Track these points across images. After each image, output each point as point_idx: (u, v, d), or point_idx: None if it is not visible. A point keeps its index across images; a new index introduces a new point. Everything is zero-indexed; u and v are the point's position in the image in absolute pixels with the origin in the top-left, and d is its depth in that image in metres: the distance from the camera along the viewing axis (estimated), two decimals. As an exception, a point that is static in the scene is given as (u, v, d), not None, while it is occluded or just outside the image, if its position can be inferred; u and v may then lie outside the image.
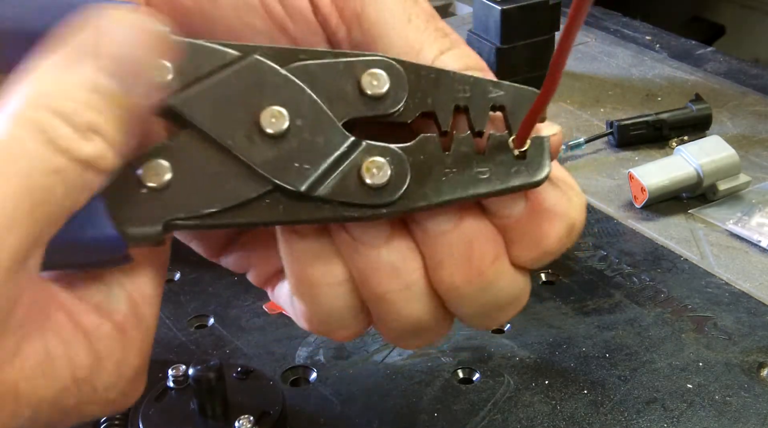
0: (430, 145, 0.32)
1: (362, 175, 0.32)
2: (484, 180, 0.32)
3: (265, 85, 0.32)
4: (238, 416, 0.44)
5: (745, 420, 0.47)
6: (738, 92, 0.82)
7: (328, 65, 0.32)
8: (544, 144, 0.33)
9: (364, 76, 0.32)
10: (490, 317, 0.36)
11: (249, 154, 0.31)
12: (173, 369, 0.46)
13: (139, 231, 0.30)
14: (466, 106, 0.33)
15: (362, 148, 0.32)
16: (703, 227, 0.63)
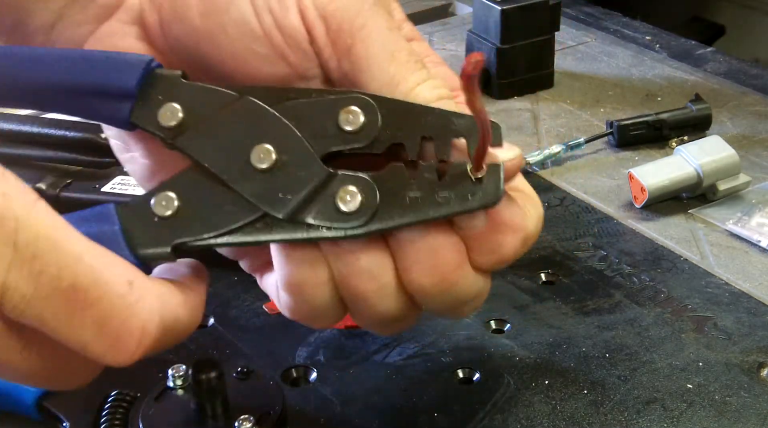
0: (398, 173, 0.37)
1: (336, 203, 0.37)
2: (444, 203, 0.37)
3: (257, 124, 0.37)
4: (238, 416, 0.44)
5: (745, 420, 0.47)
6: (738, 92, 0.82)
7: (313, 103, 0.38)
8: (499, 170, 0.37)
9: (342, 113, 0.37)
10: (454, 311, 0.41)
11: (242, 186, 0.37)
12: (173, 369, 0.46)
13: (152, 252, 0.36)
14: (431, 136, 0.37)
15: (337, 179, 0.37)
16: (703, 227, 0.63)
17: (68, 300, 0.31)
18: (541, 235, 0.62)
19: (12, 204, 0.30)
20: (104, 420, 0.45)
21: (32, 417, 0.47)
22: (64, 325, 0.31)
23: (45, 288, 0.30)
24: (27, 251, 0.30)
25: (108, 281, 0.32)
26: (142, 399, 0.45)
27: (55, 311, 0.31)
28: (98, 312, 0.32)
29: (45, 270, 0.30)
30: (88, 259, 0.31)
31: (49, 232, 0.31)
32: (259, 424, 0.44)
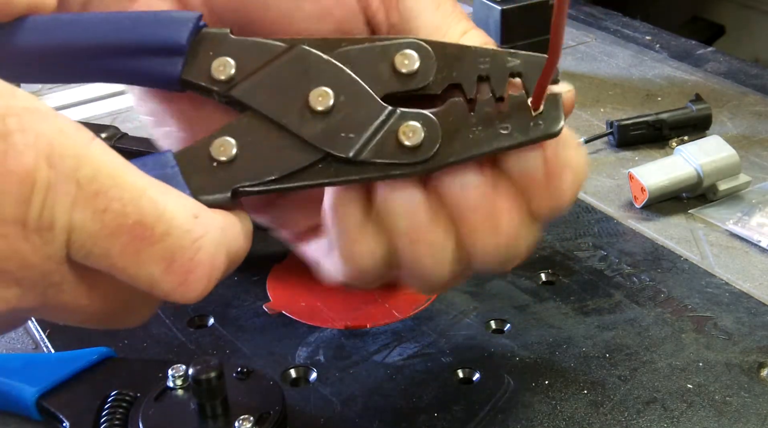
0: (458, 108, 0.37)
1: (399, 138, 0.37)
2: (506, 135, 0.37)
3: (311, 69, 0.37)
4: (239, 416, 0.44)
5: (745, 420, 0.47)
6: (738, 92, 0.82)
7: (366, 49, 0.38)
8: (558, 100, 0.38)
9: (397, 56, 0.37)
10: (505, 265, 0.41)
11: (301, 129, 0.37)
12: (173, 369, 0.46)
13: (212, 197, 0.36)
14: (488, 76, 0.37)
15: (398, 115, 0.37)
16: (703, 227, 0.63)
17: (135, 237, 0.31)
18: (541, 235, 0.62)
19: (70, 141, 0.30)
20: (104, 420, 0.44)
21: (32, 417, 0.47)
22: (131, 263, 0.31)
23: (110, 225, 0.30)
24: (90, 188, 0.30)
25: (173, 216, 0.32)
26: (141, 399, 0.45)
27: (122, 248, 0.30)
28: (166, 248, 0.31)
29: (109, 206, 0.30)
30: (151, 193, 0.31)
31: (109, 168, 0.30)
32: (259, 424, 0.44)
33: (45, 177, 0.29)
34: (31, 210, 0.29)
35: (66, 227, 0.29)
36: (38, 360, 0.50)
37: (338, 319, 0.55)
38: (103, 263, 0.31)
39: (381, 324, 0.54)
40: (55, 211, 0.29)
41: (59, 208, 0.29)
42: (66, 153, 0.29)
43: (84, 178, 0.30)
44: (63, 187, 0.29)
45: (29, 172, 0.29)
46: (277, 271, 0.59)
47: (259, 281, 0.59)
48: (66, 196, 0.29)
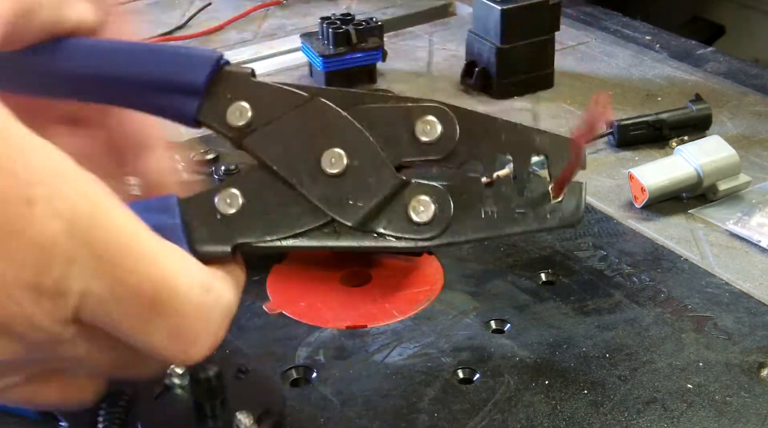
0: (474, 185, 0.36)
1: (409, 212, 0.36)
2: (520, 220, 0.36)
3: (328, 127, 0.36)
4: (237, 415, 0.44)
5: (745, 420, 0.46)
6: (738, 92, 0.82)
7: (388, 110, 0.36)
8: (581, 190, 0.37)
9: (419, 122, 0.36)
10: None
11: (310, 190, 0.36)
12: (172, 368, 0.46)
13: (212, 249, 0.35)
14: (510, 153, 0.37)
15: (410, 187, 0.36)
16: (703, 227, 0.63)
17: (145, 309, 0.31)
18: (541, 235, 0.62)
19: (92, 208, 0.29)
20: (102, 419, 0.44)
21: (30, 416, 0.47)
22: (138, 331, 0.31)
23: (123, 295, 0.30)
24: (108, 260, 0.30)
25: (186, 291, 0.31)
26: (139, 399, 0.45)
27: (131, 318, 0.31)
28: (175, 321, 0.31)
29: (124, 278, 0.30)
30: (167, 266, 0.31)
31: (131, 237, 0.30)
32: (258, 422, 0.44)
33: (64, 249, 0.29)
34: (47, 278, 0.29)
35: (78, 294, 0.30)
36: None
37: (338, 319, 0.55)
38: (110, 327, 0.31)
39: (381, 324, 0.54)
40: (71, 280, 0.29)
41: (75, 278, 0.29)
42: (89, 224, 0.29)
43: (103, 249, 0.30)
44: (81, 259, 0.29)
45: (50, 244, 0.29)
46: (277, 271, 0.59)
47: (259, 281, 0.59)
48: (82, 265, 0.29)
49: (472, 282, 0.58)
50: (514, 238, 0.62)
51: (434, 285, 0.57)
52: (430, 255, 0.60)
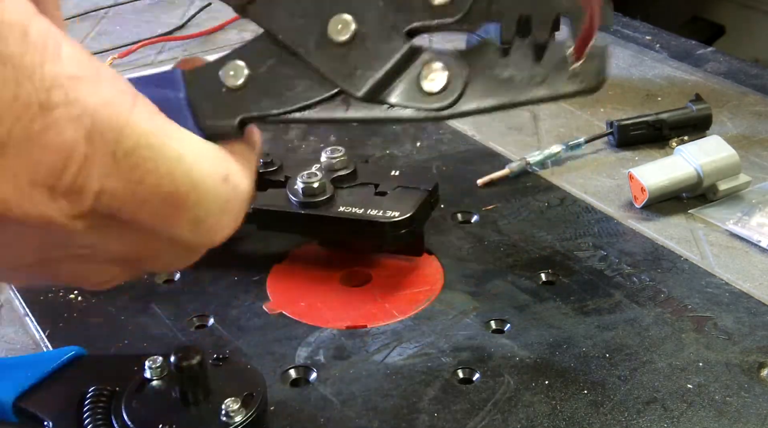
0: (490, 49, 0.34)
1: (419, 81, 0.34)
2: (536, 85, 0.35)
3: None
4: (222, 400, 0.44)
5: (745, 420, 0.46)
6: (738, 92, 0.82)
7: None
8: (605, 54, 0.35)
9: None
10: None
11: (317, 59, 0.34)
12: (150, 360, 0.46)
13: (219, 124, 0.34)
14: (530, 15, 0.34)
15: (422, 54, 0.34)
16: (703, 227, 0.63)
17: (167, 204, 0.31)
18: (541, 235, 0.62)
19: (113, 113, 0.29)
20: (87, 415, 0.45)
21: (8, 419, 0.47)
22: (159, 224, 0.31)
23: (143, 194, 0.30)
24: (126, 162, 0.30)
25: (206, 182, 0.32)
26: (121, 393, 0.45)
27: (152, 213, 0.31)
28: (196, 213, 0.32)
29: (144, 178, 0.30)
30: (187, 162, 0.31)
31: (149, 139, 0.30)
32: (244, 405, 0.44)
33: (82, 152, 0.29)
34: (63, 179, 0.29)
35: (96, 192, 0.30)
36: (8, 363, 0.50)
37: (338, 319, 0.55)
38: (130, 220, 0.31)
39: (381, 324, 0.54)
40: (87, 180, 0.29)
41: (92, 178, 0.29)
42: (107, 127, 0.29)
43: (122, 152, 0.29)
44: (99, 161, 0.29)
45: (67, 147, 0.28)
46: (277, 271, 0.59)
47: (259, 281, 0.59)
48: (101, 168, 0.29)
49: (472, 282, 0.58)
50: (514, 238, 0.62)
51: (434, 285, 0.57)
52: (430, 255, 0.60)
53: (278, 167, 0.61)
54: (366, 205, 0.56)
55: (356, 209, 0.56)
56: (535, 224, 0.63)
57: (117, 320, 0.56)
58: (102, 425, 0.44)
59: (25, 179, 0.28)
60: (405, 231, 0.55)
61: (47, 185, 0.29)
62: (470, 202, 0.66)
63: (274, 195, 0.58)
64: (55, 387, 0.47)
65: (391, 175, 0.59)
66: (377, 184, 0.58)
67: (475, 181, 0.68)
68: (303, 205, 0.56)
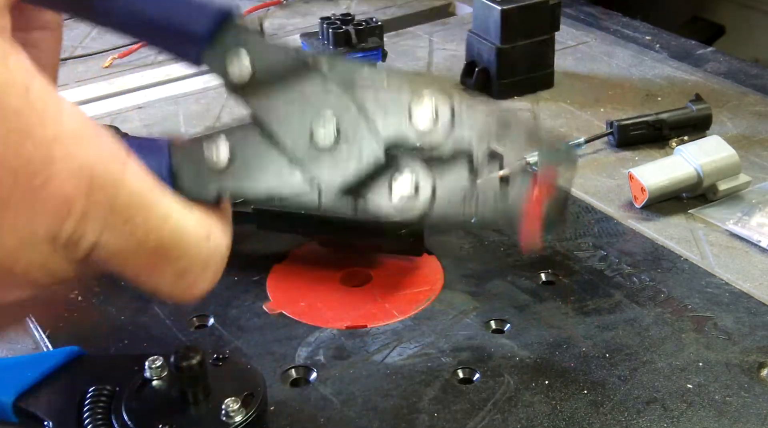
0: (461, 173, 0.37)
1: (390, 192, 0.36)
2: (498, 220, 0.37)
3: (328, 96, 0.37)
4: (222, 400, 0.44)
5: (745, 420, 0.46)
6: (738, 92, 0.82)
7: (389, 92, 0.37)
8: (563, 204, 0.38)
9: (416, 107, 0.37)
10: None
11: (298, 155, 0.36)
12: (150, 360, 0.46)
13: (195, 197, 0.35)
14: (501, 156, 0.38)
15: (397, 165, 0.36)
16: (703, 227, 0.63)
17: (152, 256, 0.33)
18: (541, 235, 0.62)
19: (110, 169, 0.31)
20: (87, 415, 0.45)
21: (9, 420, 0.47)
22: (145, 275, 0.33)
23: (132, 246, 0.32)
24: (120, 215, 0.31)
25: (190, 240, 0.34)
26: (121, 393, 0.45)
27: (139, 264, 0.33)
28: (179, 267, 0.33)
29: (135, 232, 0.32)
30: (174, 219, 0.33)
31: (141, 196, 0.32)
32: (244, 405, 0.44)
33: (81, 206, 0.30)
34: (63, 231, 0.30)
35: (91, 244, 0.31)
36: (8, 363, 0.50)
37: (338, 319, 0.55)
38: (117, 270, 0.33)
39: (381, 324, 0.54)
40: (86, 233, 0.31)
41: (89, 231, 0.31)
42: (104, 183, 0.31)
43: (117, 207, 0.31)
44: (96, 214, 0.31)
45: (67, 201, 0.30)
46: (277, 271, 0.59)
47: (259, 281, 0.59)
48: (98, 222, 0.31)
49: (472, 282, 0.58)
50: (514, 238, 0.62)
51: (434, 285, 0.57)
52: (430, 255, 0.60)
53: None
54: (366, 205, 0.56)
55: (356, 209, 0.56)
56: (535, 224, 0.63)
57: (117, 320, 0.56)
58: (102, 425, 0.44)
59: (26, 232, 0.30)
60: (405, 231, 0.55)
61: (49, 238, 0.30)
62: (470, 202, 0.66)
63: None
64: (55, 387, 0.47)
65: (391, 175, 0.59)
66: (377, 184, 0.58)
67: (475, 181, 0.68)
68: (303, 205, 0.56)
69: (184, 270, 0.34)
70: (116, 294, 0.57)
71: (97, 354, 0.51)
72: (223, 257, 0.36)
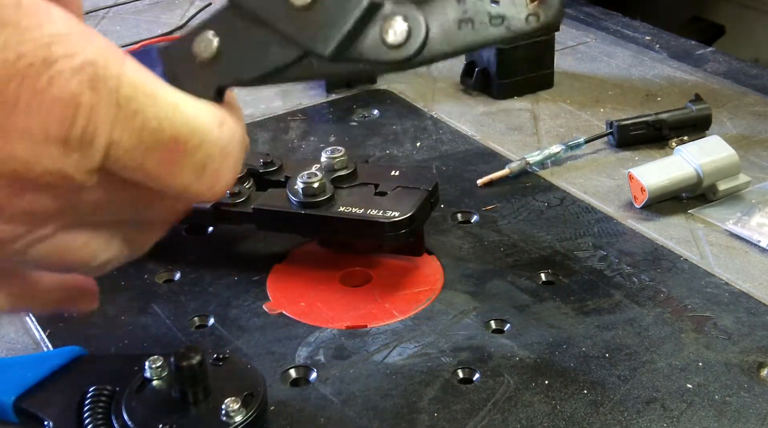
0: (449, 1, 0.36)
1: (383, 35, 0.35)
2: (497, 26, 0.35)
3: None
4: (222, 400, 0.44)
5: (744, 420, 0.47)
6: (738, 92, 0.82)
7: None
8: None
9: None
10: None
11: (282, 23, 0.35)
12: (150, 360, 0.46)
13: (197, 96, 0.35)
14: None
15: (383, 10, 0.35)
16: (703, 227, 0.63)
17: (170, 151, 0.32)
18: (541, 235, 0.62)
19: (110, 62, 0.31)
20: (87, 415, 0.45)
21: (9, 420, 0.47)
22: (166, 174, 0.33)
23: (148, 140, 0.32)
24: (129, 108, 0.31)
25: (204, 127, 0.33)
26: (121, 393, 0.45)
27: (157, 162, 0.32)
28: (199, 159, 0.33)
29: (147, 124, 0.32)
30: (183, 107, 0.33)
31: (145, 86, 0.32)
32: (244, 405, 0.44)
33: (88, 100, 0.30)
34: (74, 130, 0.30)
35: (105, 144, 0.31)
36: (8, 363, 0.50)
37: (338, 319, 0.55)
38: (138, 174, 0.33)
39: (381, 324, 0.54)
40: (96, 130, 0.31)
41: (100, 128, 0.31)
42: (107, 74, 0.31)
43: (123, 99, 0.31)
44: (104, 109, 0.31)
45: (74, 97, 0.30)
46: (277, 271, 0.59)
47: (259, 281, 0.59)
48: (107, 116, 0.31)
49: (472, 282, 0.58)
50: (514, 238, 0.62)
51: (434, 285, 0.57)
52: (430, 255, 0.60)
53: (278, 167, 0.61)
54: (366, 205, 0.56)
55: (356, 209, 0.56)
56: (534, 224, 0.63)
57: (117, 320, 0.56)
58: (102, 425, 0.44)
59: (38, 135, 0.30)
60: (405, 231, 0.55)
61: (60, 139, 0.30)
62: (470, 202, 0.66)
63: (274, 195, 0.58)
64: (56, 387, 0.47)
65: (391, 175, 0.59)
66: (377, 184, 0.58)
67: (475, 181, 0.69)
68: (303, 205, 0.56)
69: (204, 161, 0.33)
70: (116, 294, 0.57)
71: (97, 354, 0.51)
72: (240, 144, 0.35)
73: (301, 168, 0.58)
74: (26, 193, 0.31)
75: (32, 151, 0.30)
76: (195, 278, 0.59)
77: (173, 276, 0.60)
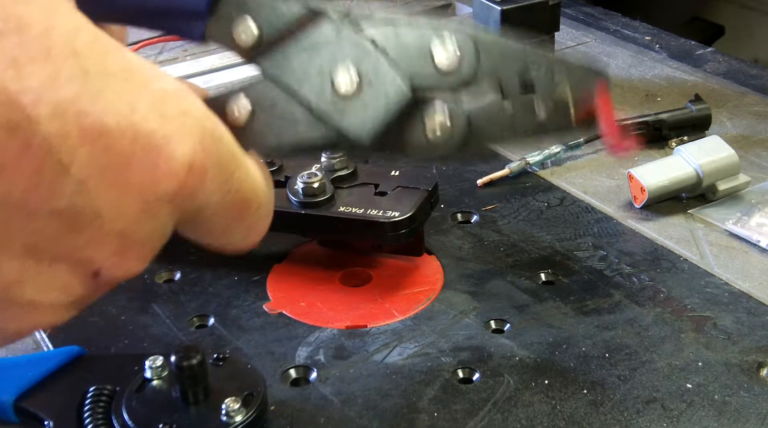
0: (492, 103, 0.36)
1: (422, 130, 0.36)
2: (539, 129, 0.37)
3: (343, 45, 0.36)
4: (222, 400, 0.44)
5: (744, 420, 0.47)
6: (738, 92, 0.82)
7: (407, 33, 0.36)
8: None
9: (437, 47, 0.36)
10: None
11: (321, 106, 0.36)
12: (150, 360, 0.46)
13: None
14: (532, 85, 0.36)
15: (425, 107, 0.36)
16: (703, 227, 0.63)
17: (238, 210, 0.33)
18: (541, 235, 0.62)
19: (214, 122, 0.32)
20: (87, 415, 0.45)
21: (9, 419, 0.47)
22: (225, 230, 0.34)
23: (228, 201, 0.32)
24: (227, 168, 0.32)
25: (264, 189, 0.34)
26: (121, 393, 0.45)
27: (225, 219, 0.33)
28: (254, 217, 0.34)
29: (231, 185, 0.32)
30: (253, 171, 0.33)
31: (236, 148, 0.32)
32: (245, 405, 0.44)
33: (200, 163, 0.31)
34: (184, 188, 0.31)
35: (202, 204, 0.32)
36: (8, 363, 0.50)
37: (338, 319, 0.55)
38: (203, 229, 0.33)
39: (381, 324, 0.54)
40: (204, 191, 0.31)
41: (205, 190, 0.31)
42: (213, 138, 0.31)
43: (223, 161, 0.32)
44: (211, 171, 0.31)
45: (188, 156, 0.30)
46: (277, 271, 0.59)
47: (259, 281, 0.59)
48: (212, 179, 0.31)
49: (472, 282, 0.58)
50: (514, 238, 0.62)
51: (434, 285, 0.58)
52: (430, 255, 0.60)
53: (278, 167, 0.61)
54: (366, 205, 0.56)
55: (356, 209, 0.56)
56: (534, 224, 0.63)
57: (117, 320, 0.56)
58: (102, 425, 0.44)
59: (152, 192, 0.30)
60: (405, 231, 0.55)
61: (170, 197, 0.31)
62: (470, 202, 0.66)
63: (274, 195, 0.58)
64: (56, 387, 0.47)
65: (391, 174, 0.59)
66: (377, 184, 0.58)
67: (475, 181, 0.69)
68: (303, 205, 0.56)
69: (257, 220, 0.34)
70: (116, 294, 0.57)
71: (97, 354, 0.51)
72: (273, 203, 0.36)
73: (301, 168, 0.58)
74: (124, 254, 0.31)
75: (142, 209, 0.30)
76: (195, 278, 0.59)
77: (173, 276, 0.60)
